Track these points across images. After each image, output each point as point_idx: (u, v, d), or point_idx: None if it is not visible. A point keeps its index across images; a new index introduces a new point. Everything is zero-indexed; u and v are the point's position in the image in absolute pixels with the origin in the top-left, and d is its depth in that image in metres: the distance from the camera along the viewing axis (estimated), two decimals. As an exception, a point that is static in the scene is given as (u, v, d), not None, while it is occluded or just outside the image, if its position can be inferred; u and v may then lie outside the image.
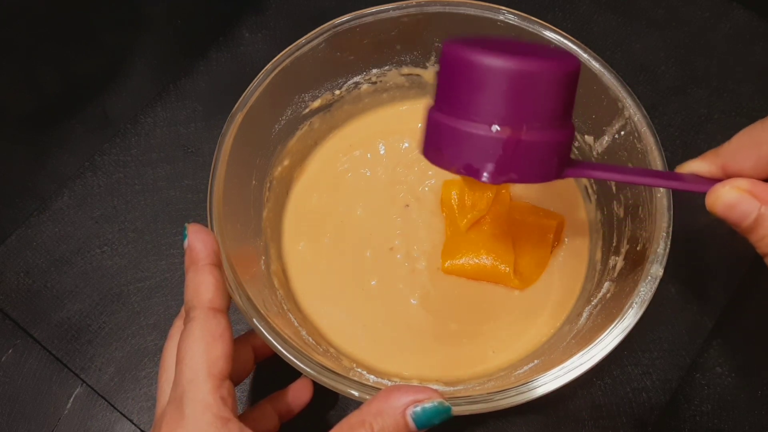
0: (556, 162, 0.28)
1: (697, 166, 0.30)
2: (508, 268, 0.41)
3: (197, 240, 0.31)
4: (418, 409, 0.28)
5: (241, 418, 0.29)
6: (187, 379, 0.28)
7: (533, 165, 0.28)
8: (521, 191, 0.45)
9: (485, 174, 0.27)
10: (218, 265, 0.31)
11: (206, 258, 0.31)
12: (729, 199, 0.27)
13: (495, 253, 0.42)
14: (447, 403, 0.28)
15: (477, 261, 0.42)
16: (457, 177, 0.45)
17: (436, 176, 0.46)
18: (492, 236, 0.42)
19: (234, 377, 0.37)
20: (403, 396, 0.28)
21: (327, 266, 0.44)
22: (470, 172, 0.28)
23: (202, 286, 0.30)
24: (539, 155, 0.27)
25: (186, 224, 0.32)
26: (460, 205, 0.43)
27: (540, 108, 0.27)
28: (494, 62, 0.26)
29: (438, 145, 0.28)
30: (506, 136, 0.26)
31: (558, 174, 0.29)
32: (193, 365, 0.28)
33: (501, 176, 0.27)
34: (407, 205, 0.45)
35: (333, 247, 0.44)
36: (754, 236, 0.27)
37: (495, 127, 0.26)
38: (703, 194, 0.28)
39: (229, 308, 0.31)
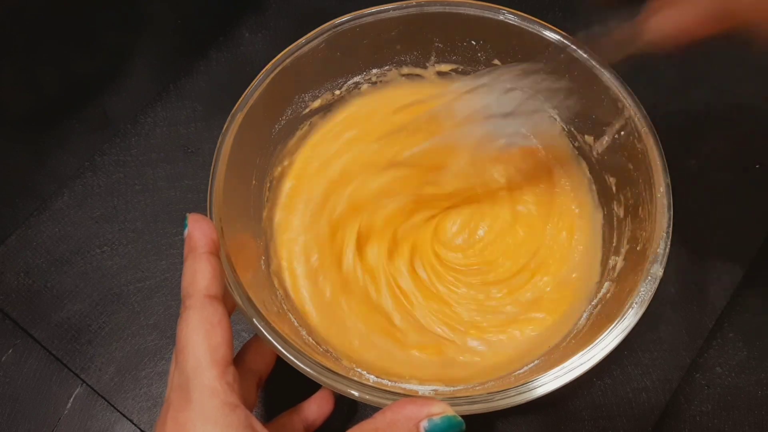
0: None
1: None
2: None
3: (196, 229, 0.31)
4: (432, 422, 0.28)
5: (268, 427, 0.29)
6: (191, 367, 0.27)
7: None
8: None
9: None
10: (216, 254, 0.31)
11: (204, 246, 0.31)
12: None
13: None
14: (459, 418, 0.28)
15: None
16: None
17: (436, 181, 0.45)
18: None
19: (259, 375, 0.36)
20: (417, 409, 0.28)
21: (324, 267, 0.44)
22: None
23: (198, 273, 0.30)
24: None
25: (187, 214, 0.32)
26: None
27: None
28: None
29: None
30: None
31: None
32: (196, 353, 0.28)
33: None
34: (402, 207, 0.45)
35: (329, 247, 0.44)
36: None
37: None
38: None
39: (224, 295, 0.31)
